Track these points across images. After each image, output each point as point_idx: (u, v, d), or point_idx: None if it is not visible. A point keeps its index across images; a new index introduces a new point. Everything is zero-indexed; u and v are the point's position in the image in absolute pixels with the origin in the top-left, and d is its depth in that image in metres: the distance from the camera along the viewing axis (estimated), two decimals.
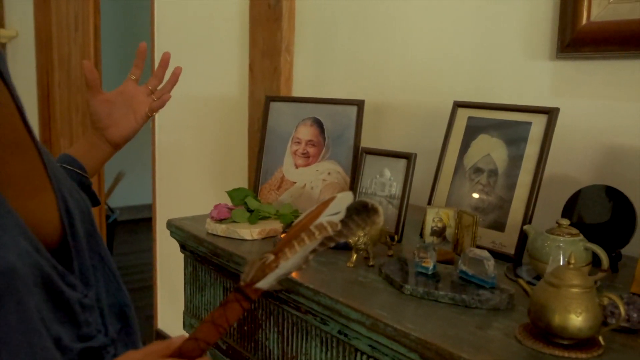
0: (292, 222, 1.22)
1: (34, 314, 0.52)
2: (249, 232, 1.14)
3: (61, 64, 3.76)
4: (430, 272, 0.92)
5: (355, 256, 1.01)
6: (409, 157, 1.18)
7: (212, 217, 1.19)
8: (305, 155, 1.33)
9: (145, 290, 3.47)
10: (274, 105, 1.38)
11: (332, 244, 0.59)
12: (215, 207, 1.20)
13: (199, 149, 2.48)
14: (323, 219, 0.56)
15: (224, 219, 1.18)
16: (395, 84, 1.59)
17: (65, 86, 3.73)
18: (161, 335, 2.80)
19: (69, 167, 0.94)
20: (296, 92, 1.95)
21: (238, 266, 1.07)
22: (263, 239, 1.16)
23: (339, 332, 0.88)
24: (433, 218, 1.11)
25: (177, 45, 2.55)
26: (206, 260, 1.18)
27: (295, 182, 1.33)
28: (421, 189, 1.31)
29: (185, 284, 1.28)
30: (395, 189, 1.19)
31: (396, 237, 1.11)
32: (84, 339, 0.60)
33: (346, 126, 1.31)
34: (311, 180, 1.31)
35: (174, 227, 1.25)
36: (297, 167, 1.33)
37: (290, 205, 1.26)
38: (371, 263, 1.01)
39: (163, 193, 2.78)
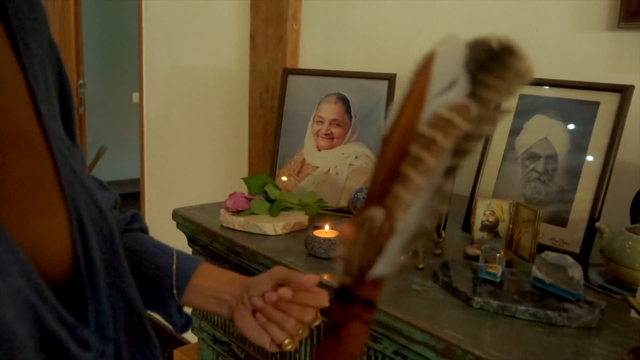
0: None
1: None
2: (272, 226, 0.99)
3: None
4: (497, 280, 0.78)
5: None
6: None
7: (227, 208, 1.04)
8: (329, 136, 1.17)
9: None
10: (292, 79, 1.22)
11: (474, 145, 0.31)
12: (231, 196, 1.04)
13: (193, 125, 2.30)
14: (436, 104, 0.30)
15: (242, 211, 1.03)
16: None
17: None
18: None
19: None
20: (304, 65, 1.78)
21: (263, 267, 0.92)
22: (287, 233, 1.01)
23: (395, 352, 0.74)
24: (484, 211, 0.98)
25: (169, 13, 2.35)
26: (222, 257, 1.03)
27: (317, 167, 1.17)
28: (462, 176, 1.17)
29: None
30: None
31: (443, 234, 0.97)
32: None
33: (375, 104, 1.16)
34: (336, 165, 1.16)
35: (181, 219, 1.09)
36: (319, 149, 1.18)
37: (314, 193, 1.11)
38: (421, 265, 0.87)
39: (152, 170, 2.61)
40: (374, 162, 0.36)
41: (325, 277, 0.83)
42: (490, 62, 0.31)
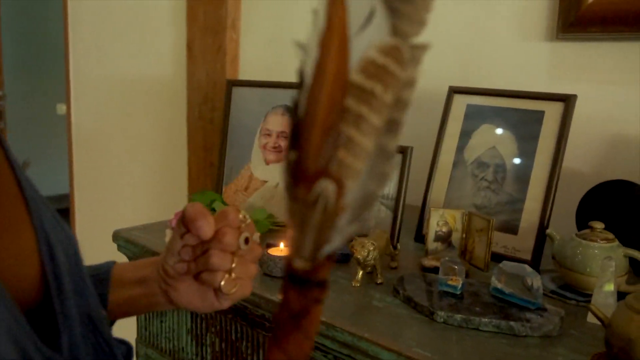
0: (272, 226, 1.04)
1: None
2: None
3: None
4: (458, 292, 0.78)
5: (361, 273, 0.85)
6: (404, 152, 1.03)
7: (172, 228, 0.98)
8: (277, 149, 1.14)
9: None
10: (237, 91, 1.18)
11: (411, 93, 0.28)
12: (177, 214, 0.99)
13: (127, 138, 2.20)
14: (362, 45, 0.26)
15: None
16: None
17: None
18: None
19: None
20: (244, 76, 1.74)
21: None
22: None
23: None
24: (437, 221, 0.98)
25: (98, 17, 2.24)
26: None
27: (266, 181, 1.14)
28: (411, 186, 1.16)
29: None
30: (389, 187, 1.04)
31: (398, 246, 0.96)
32: None
33: None
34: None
35: (122, 241, 1.03)
36: (267, 163, 1.15)
37: (264, 209, 1.08)
38: (379, 280, 0.85)
39: (82, 186, 2.48)
40: (296, 116, 0.28)
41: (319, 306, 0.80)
42: None
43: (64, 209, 2.76)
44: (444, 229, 0.97)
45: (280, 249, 0.89)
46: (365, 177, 0.28)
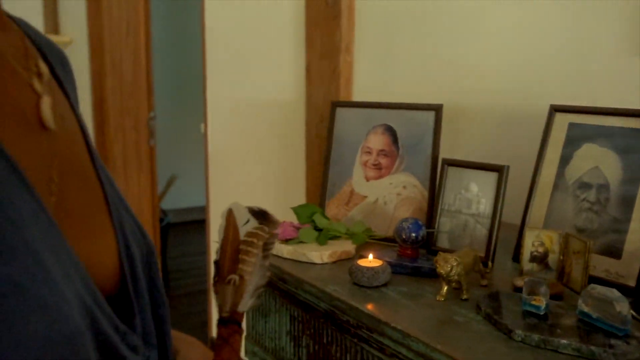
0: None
1: None
2: (319, 255, 1.01)
3: (114, 69, 3.74)
4: (542, 312, 0.77)
5: (446, 288, 0.87)
6: (500, 170, 1.03)
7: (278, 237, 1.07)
8: (377, 166, 1.19)
9: (199, 295, 3.41)
10: (340, 112, 1.25)
11: (271, 247, 0.64)
12: (280, 225, 1.08)
13: (254, 155, 2.37)
14: (245, 229, 0.61)
15: (290, 239, 1.06)
16: (473, 87, 1.43)
17: (118, 91, 3.71)
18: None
19: None
20: (357, 96, 1.81)
21: (309, 295, 0.94)
22: (334, 262, 1.03)
23: None
24: (533, 242, 0.96)
25: (230, 48, 2.45)
26: (271, 284, 1.06)
27: (366, 197, 1.19)
28: (510, 204, 1.15)
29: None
30: (484, 206, 1.04)
31: (490, 265, 0.96)
32: None
33: (422, 134, 1.17)
34: (384, 195, 1.18)
35: None
36: (367, 179, 1.20)
37: (362, 222, 1.13)
38: (465, 296, 0.87)
39: (217, 198, 2.70)
40: (221, 251, 0.61)
41: (369, 306, 0.84)
42: (261, 215, 0.65)
43: (202, 220, 3.02)
44: (540, 250, 0.96)
45: (369, 260, 0.93)
46: (254, 274, 0.59)
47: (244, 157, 2.44)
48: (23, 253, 0.35)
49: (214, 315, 1.83)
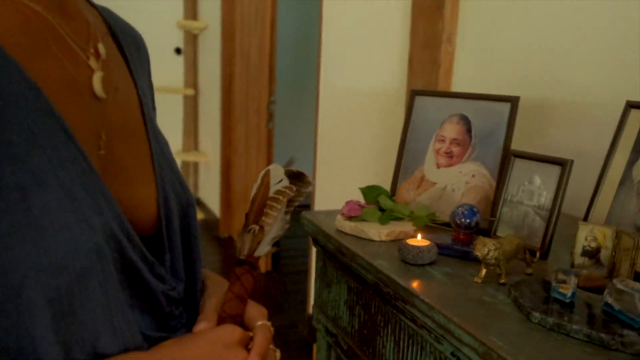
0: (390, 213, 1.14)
1: (117, 296, 0.53)
2: (377, 232, 1.09)
3: (242, 55, 4.02)
4: (567, 300, 0.79)
5: (484, 271, 0.91)
6: (563, 164, 1.03)
7: (342, 214, 1.16)
8: (449, 154, 1.23)
9: (303, 274, 3.60)
10: (419, 100, 1.31)
11: (296, 203, 0.69)
12: (347, 203, 1.17)
13: (358, 141, 2.47)
14: (275, 187, 0.66)
15: (354, 217, 1.15)
16: (564, 81, 1.41)
17: (245, 76, 3.98)
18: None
19: None
20: (456, 86, 1.84)
21: (360, 268, 1.02)
22: (392, 241, 1.10)
23: (452, 354, 0.80)
24: (586, 236, 0.96)
25: (343, 38, 2.56)
26: (333, 257, 1.16)
27: (435, 183, 1.24)
28: (579, 199, 1.15)
29: (315, 277, 1.28)
30: (545, 198, 1.05)
31: (537, 254, 0.98)
32: (167, 329, 0.60)
33: (496, 125, 1.19)
34: (453, 182, 1.22)
35: (306, 220, 1.25)
36: (438, 166, 1.25)
37: (428, 207, 1.18)
38: (502, 280, 0.90)
39: (322, 182, 2.84)
40: (250, 205, 0.67)
41: (406, 280, 0.91)
42: (296, 176, 0.69)
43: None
44: (593, 245, 0.96)
45: (418, 240, 1.00)
46: (274, 226, 0.66)
47: (348, 142, 2.55)
48: (54, 186, 0.48)
49: (313, 296, 2.02)
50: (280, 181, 0.67)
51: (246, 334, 0.60)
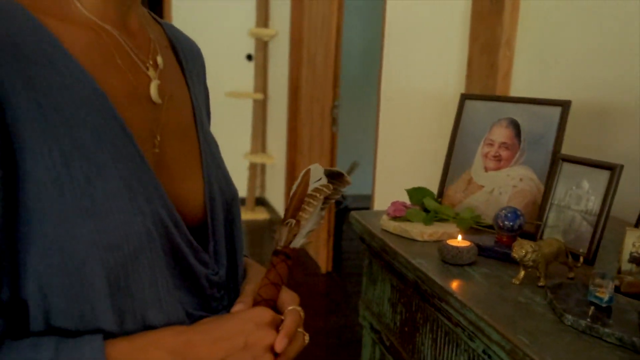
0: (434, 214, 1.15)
1: (163, 276, 0.59)
2: (420, 232, 1.11)
3: (309, 60, 4.10)
4: (604, 304, 0.79)
5: (522, 273, 0.91)
6: (612, 169, 1.02)
7: (387, 214, 1.19)
8: (497, 158, 1.23)
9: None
10: (469, 104, 1.31)
11: (332, 200, 0.73)
12: (393, 204, 1.19)
13: (417, 143, 2.48)
14: (314, 185, 0.70)
15: (399, 217, 1.17)
16: (625, 85, 1.37)
17: (311, 80, 4.06)
18: None
19: None
20: (515, 91, 1.82)
21: (401, 266, 1.05)
22: (435, 241, 1.11)
23: (484, 351, 0.81)
24: (634, 242, 0.95)
25: (404, 42, 2.58)
26: (378, 255, 1.19)
27: (483, 186, 1.25)
28: (630, 203, 1.12)
29: (363, 275, 1.31)
30: (593, 203, 1.04)
31: (581, 258, 0.97)
32: (209, 310, 0.66)
33: (547, 129, 1.18)
34: (500, 186, 1.22)
35: (354, 220, 1.28)
36: (486, 170, 1.25)
37: (473, 209, 1.19)
38: (541, 283, 0.90)
39: (381, 184, 2.86)
40: (290, 201, 0.71)
41: (442, 279, 0.92)
42: (335, 176, 0.73)
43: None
44: None
45: (457, 241, 1.01)
46: (310, 221, 0.70)
47: (407, 145, 2.56)
48: (114, 177, 0.54)
49: None
50: (319, 180, 0.72)
51: (277, 316, 0.64)
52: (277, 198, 4.94)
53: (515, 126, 1.22)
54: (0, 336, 0.50)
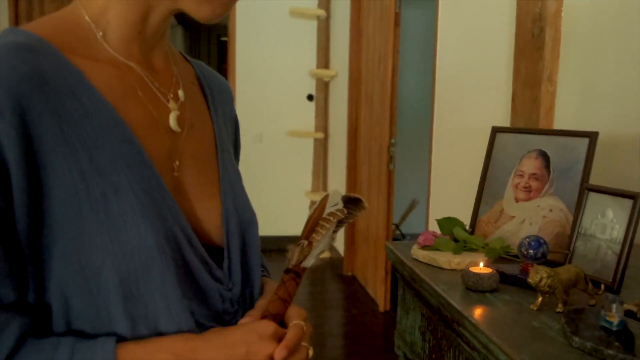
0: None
1: (173, 286, 0.65)
2: (447, 261, 1.15)
3: (367, 99, 4.20)
4: (614, 328, 0.80)
5: (540, 299, 0.93)
6: (635, 197, 1.03)
7: (418, 243, 1.24)
8: (527, 189, 1.26)
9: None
10: (500, 137, 1.35)
11: (346, 223, 0.76)
12: (423, 233, 1.24)
13: (467, 177, 2.49)
14: (329, 209, 0.75)
15: (429, 246, 1.21)
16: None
17: (368, 119, 4.15)
18: None
19: None
20: (558, 124, 1.83)
21: (427, 292, 1.09)
22: (462, 270, 1.15)
23: None
24: None
25: (454, 79, 2.63)
26: (409, 284, 1.23)
27: (514, 217, 1.27)
28: None
29: (398, 305, 1.35)
30: (617, 232, 1.05)
31: (602, 286, 0.98)
32: (222, 322, 0.73)
33: (575, 160, 1.20)
34: (530, 216, 1.24)
35: (388, 250, 1.33)
36: (517, 201, 1.27)
37: (503, 239, 1.22)
38: (559, 309, 0.92)
39: (435, 216, 2.87)
40: (305, 223, 0.76)
41: (467, 307, 0.96)
42: (352, 201, 0.76)
43: None
44: None
45: (480, 268, 1.04)
46: (321, 242, 0.74)
47: (458, 179, 2.58)
48: (129, 195, 0.63)
49: None
50: (335, 204, 0.77)
51: (280, 329, 0.70)
52: (338, 237, 5.00)
53: (545, 157, 1.25)
54: (25, 334, 0.58)
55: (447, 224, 1.26)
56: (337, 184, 4.96)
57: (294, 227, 5.17)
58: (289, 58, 5.08)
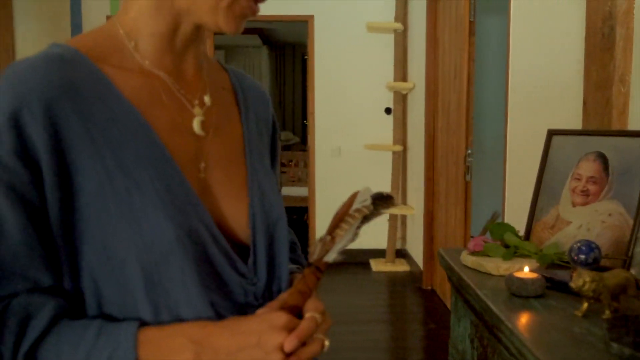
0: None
1: (193, 277, 0.69)
2: (495, 267, 1.12)
3: (443, 110, 4.15)
4: None
5: (585, 304, 0.89)
6: None
7: (468, 249, 1.21)
8: (585, 193, 1.20)
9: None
10: (556, 139, 1.30)
11: (372, 219, 0.73)
12: (473, 239, 1.22)
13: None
14: (357, 205, 0.73)
15: (478, 252, 1.19)
16: None
17: (445, 130, 4.09)
18: None
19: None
20: (632, 126, 1.73)
21: (471, 298, 1.07)
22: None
23: None
24: None
25: (527, 85, 2.55)
26: (458, 290, 1.21)
27: (570, 222, 1.22)
28: None
29: (451, 312, 1.32)
30: None
31: None
32: (244, 314, 0.75)
33: (635, 161, 1.14)
34: (588, 221, 1.18)
35: (440, 256, 1.32)
36: (574, 205, 1.22)
37: (557, 245, 1.17)
38: (605, 316, 0.87)
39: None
40: (332, 218, 0.73)
41: (506, 311, 0.93)
42: (382, 198, 0.73)
43: None
44: None
45: (524, 273, 1.01)
46: (344, 238, 0.71)
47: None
48: (151, 191, 0.67)
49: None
50: (364, 201, 0.75)
51: (294, 320, 0.71)
52: (417, 250, 4.93)
53: (603, 160, 1.19)
54: (59, 315, 0.65)
55: (498, 229, 1.23)
56: (417, 197, 4.90)
57: (374, 240, 5.16)
58: (366, 72, 5.12)
